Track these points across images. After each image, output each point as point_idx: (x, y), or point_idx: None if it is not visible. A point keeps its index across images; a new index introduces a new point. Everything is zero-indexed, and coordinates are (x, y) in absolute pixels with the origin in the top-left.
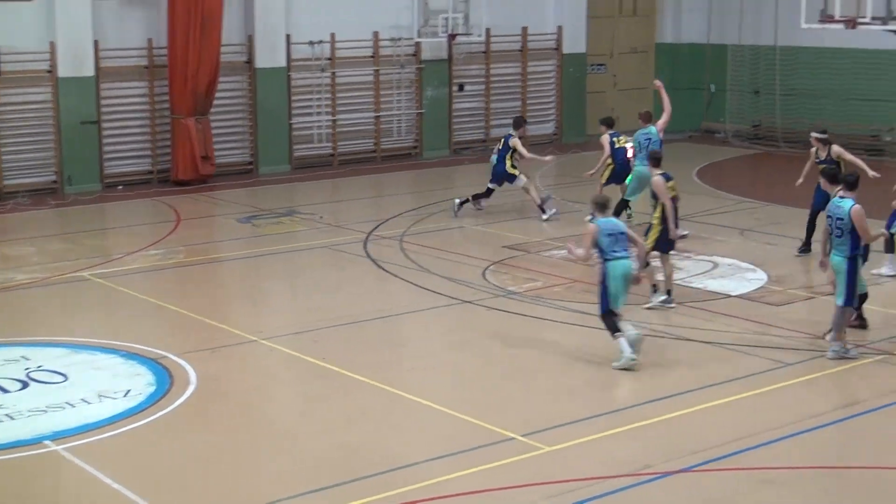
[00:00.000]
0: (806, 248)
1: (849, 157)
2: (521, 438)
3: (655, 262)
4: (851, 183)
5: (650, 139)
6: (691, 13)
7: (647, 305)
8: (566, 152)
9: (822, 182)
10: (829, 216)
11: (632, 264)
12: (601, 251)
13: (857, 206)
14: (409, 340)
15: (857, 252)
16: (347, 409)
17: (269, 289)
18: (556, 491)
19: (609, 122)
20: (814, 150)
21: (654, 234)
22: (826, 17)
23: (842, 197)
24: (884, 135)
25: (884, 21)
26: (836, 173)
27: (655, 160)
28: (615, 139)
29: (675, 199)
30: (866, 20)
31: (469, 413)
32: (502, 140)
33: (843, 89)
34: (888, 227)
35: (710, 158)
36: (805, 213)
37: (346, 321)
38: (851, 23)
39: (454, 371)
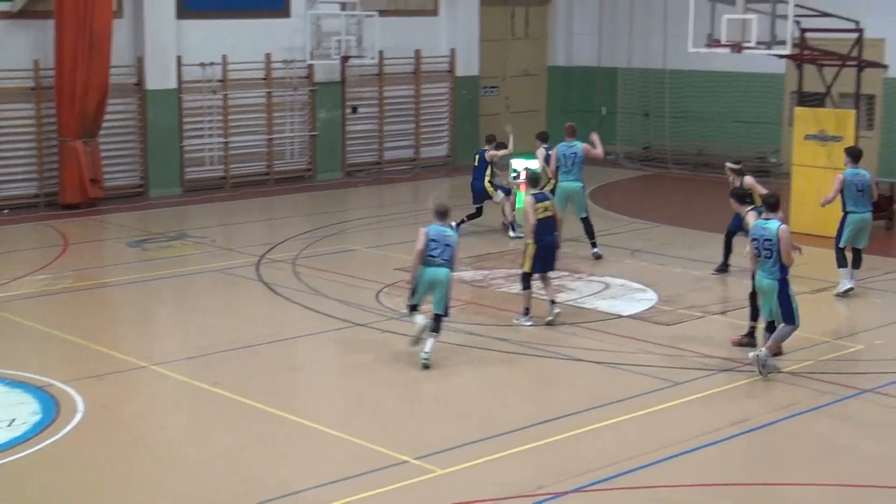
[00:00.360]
0: (724, 267)
1: (760, 189)
2: (414, 462)
3: (537, 283)
4: (773, 204)
5: (576, 153)
6: (582, 36)
7: (514, 321)
8: (460, 174)
9: (732, 203)
10: (755, 238)
11: (443, 272)
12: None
13: (784, 226)
14: (303, 364)
15: (787, 273)
16: (240, 435)
17: (160, 314)
18: None
19: (544, 137)
20: (730, 178)
21: (528, 257)
22: (712, 42)
23: (767, 219)
24: (769, 156)
25: (768, 46)
26: (746, 194)
27: (533, 181)
28: (551, 153)
29: (552, 219)
30: (751, 45)
31: (363, 437)
32: (476, 157)
33: (731, 112)
34: (837, 242)
35: (602, 180)
36: (692, 234)
37: (238, 346)
38: (737, 47)
39: (348, 395)
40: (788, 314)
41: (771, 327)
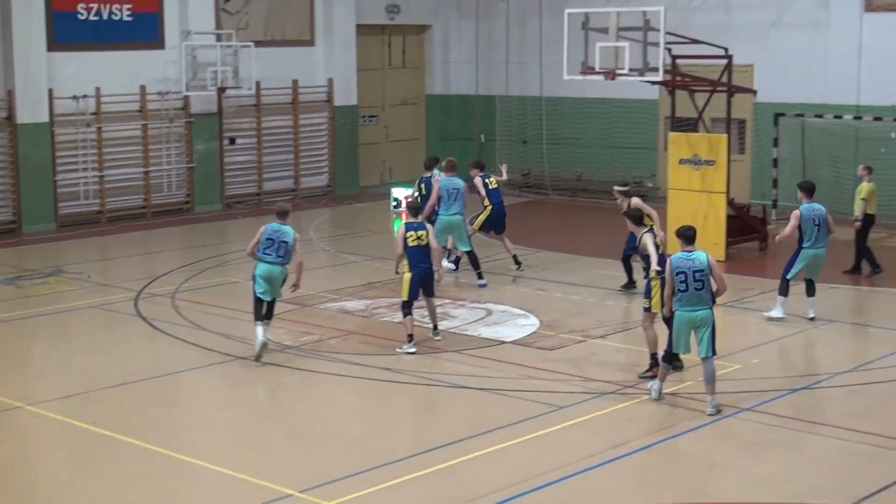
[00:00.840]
0: (631, 284)
1: (647, 209)
2: (300, 495)
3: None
4: (690, 237)
5: (458, 189)
6: (459, 65)
7: (397, 349)
8: (341, 204)
9: (629, 224)
10: (681, 272)
11: (277, 269)
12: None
13: (710, 254)
14: (184, 400)
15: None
16: (120, 474)
17: (35, 352)
18: None
19: (479, 165)
20: (618, 200)
21: (405, 284)
22: (587, 69)
23: (688, 251)
24: (645, 181)
25: (641, 72)
26: (641, 215)
27: (414, 210)
28: (487, 180)
29: (426, 248)
30: (624, 72)
31: (247, 471)
32: (422, 185)
33: (607, 137)
34: (785, 273)
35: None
36: (572, 259)
37: (117, 383)
38: (611, 74)
39: (231, 429)
40: (713, 343)
41: (669, 357)
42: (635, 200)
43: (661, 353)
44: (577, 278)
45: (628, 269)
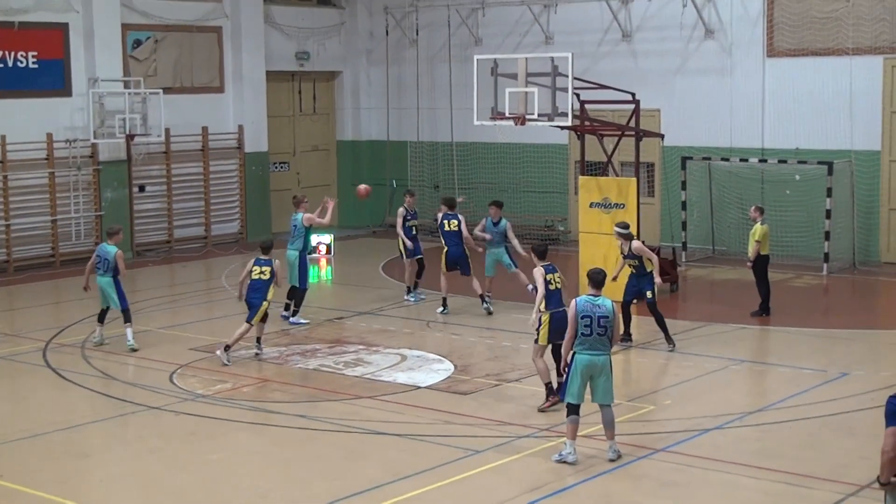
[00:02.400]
0: (627, 337)
1: (648, 253)
2: None
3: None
4: (600, 282)
5: (295, 225)
6: (370, 111)
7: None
8: (253, 250)
9: (532, 257)
10: (586, 315)
11: (108, 282)
12: None
13: (613, 301)
14: (95, 451)
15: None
16: None
17: None
18: None
19: (450, 203)
20: (619, 243)
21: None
22: (497, 115)
23: (595, 296)
24: (557, 225)
25: (550, 118)
26: (545, 250)
27: (264, 247)
28: (446, 221)
29: (265, 281)
30: (534, 117)
31: None
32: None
33: (518, 182)
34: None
35: (393, 252)
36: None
37: (25, 435)
38: (520, 119)
39: (144, 481)
40: (612, 390)
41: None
42: (636, 244)
43: (554, 383)
44: (491, 322)
45: (627, 319)
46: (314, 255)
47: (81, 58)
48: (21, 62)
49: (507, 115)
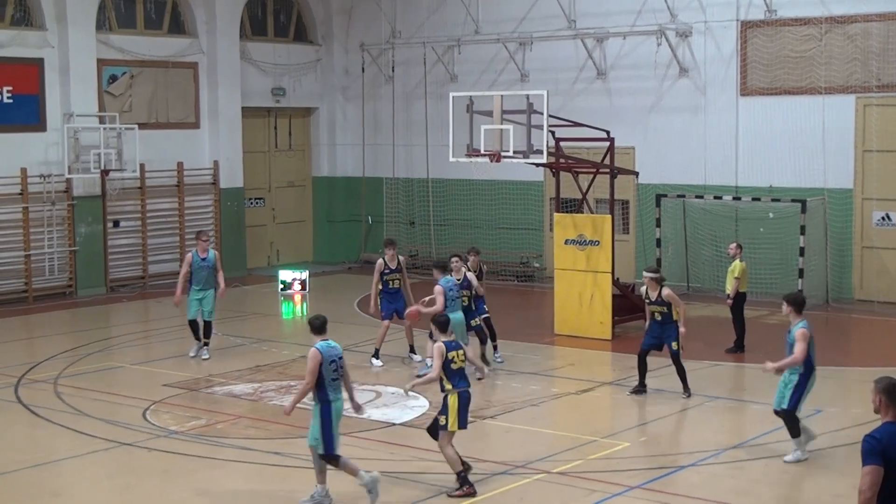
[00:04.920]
0: (642, 388)
1: (676, 300)
2: None
3: None
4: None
5: (206, 265)
6: (345, 147)
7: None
8: (228, 286)
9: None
10: (333, 360)
11: None
12: None
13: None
14: (67, 488)
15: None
16: None
17: None
18: None
19: (442, 266)
20: (644, 288)
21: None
22: (472, 152)
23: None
24: (533, 262)
25: (525, 155)
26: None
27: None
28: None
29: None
30: (509, 154)
31: None
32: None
33: (493, 218)
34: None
35: (368, 289)
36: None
37: None
38: (495, 156)
39: None
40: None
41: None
42: (667, 291)
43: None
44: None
45: (643, 370)
46: (288, 290)
47: (57, 93)
48: None
49: (482, 151)
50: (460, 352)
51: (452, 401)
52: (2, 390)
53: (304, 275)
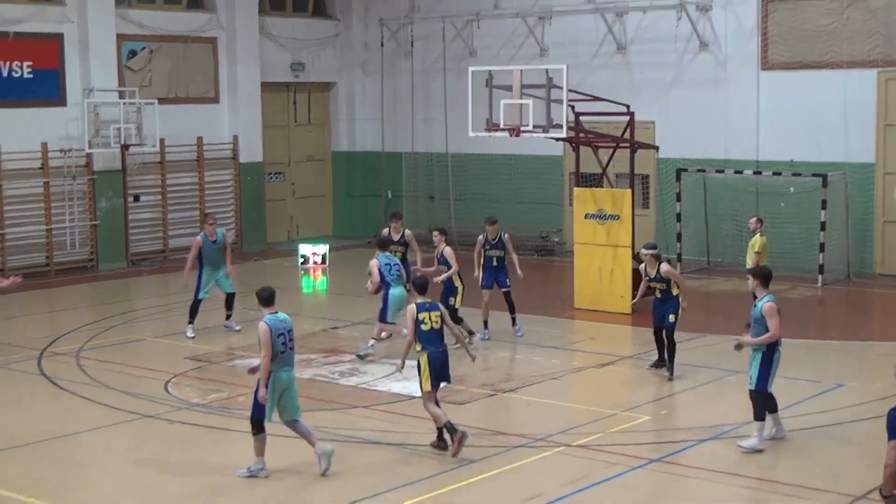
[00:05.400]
0: (661, 363)
1: (677, 276)
2: None
3: None
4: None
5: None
6: (365, 122)
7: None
8: (248, 260)
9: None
10: (280, 333)
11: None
12: None
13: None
14: (90, 459)
15: None
16: None
17: None
18: None
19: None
20: (643, 265)
21: None
22: (492, 126)
23: (274, 311)
24: (552, 236)
25: (544, 129)
26: (427, 282)
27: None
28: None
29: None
30: (529, 128)
31: None
32: (498, 237)
33: (512, 193)
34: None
35: None
36: (479, 314)
37: (19, 443)
38: (515, 131)
39: (140, 489)
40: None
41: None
42: (666, 267)
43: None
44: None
45: (660, 345)
46: (307, 264)
47: (76, 68)
48: (16, 72)
49: (501, 126)
50: (434, 313)
51: (423, 362)
52: (25, 363)
53: (324, 249)
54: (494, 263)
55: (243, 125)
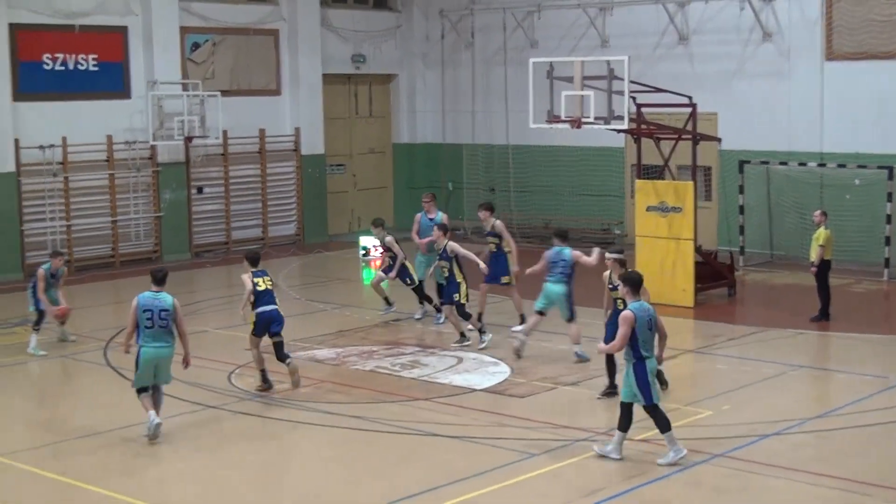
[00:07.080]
0: (612, 389)
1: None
2: None
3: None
4: (161, 279)
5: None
6: (425, 114)
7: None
8: (310, 252)
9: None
10: (147, 309)
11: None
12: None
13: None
14: (154, 450)
15: None
16: None
17: (3, 403)
18: None
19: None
20: (606, 273)
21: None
22: (553, 118)
23: (157, 290)
24: (613, 228)
25: (606, 121)
26: (258, 256)
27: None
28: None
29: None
30: (590, 120)
31: None
32: (492, 225)
33: (574, 185)
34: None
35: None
36: None
37: (87, 433)
38: (576, 122)
39: (202, 479)
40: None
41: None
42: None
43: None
44: (546, 326)
45: (611, 369)
46: (369, 256)
47: (141, 60)
48: (81, 65)
49: (563, 118)
50: (266, 278)
51: (252, 318)
52: (91, 353)
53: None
54: (494, 250)
55: (305, 117)
